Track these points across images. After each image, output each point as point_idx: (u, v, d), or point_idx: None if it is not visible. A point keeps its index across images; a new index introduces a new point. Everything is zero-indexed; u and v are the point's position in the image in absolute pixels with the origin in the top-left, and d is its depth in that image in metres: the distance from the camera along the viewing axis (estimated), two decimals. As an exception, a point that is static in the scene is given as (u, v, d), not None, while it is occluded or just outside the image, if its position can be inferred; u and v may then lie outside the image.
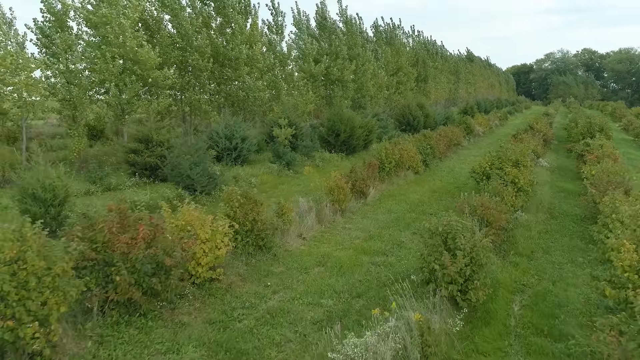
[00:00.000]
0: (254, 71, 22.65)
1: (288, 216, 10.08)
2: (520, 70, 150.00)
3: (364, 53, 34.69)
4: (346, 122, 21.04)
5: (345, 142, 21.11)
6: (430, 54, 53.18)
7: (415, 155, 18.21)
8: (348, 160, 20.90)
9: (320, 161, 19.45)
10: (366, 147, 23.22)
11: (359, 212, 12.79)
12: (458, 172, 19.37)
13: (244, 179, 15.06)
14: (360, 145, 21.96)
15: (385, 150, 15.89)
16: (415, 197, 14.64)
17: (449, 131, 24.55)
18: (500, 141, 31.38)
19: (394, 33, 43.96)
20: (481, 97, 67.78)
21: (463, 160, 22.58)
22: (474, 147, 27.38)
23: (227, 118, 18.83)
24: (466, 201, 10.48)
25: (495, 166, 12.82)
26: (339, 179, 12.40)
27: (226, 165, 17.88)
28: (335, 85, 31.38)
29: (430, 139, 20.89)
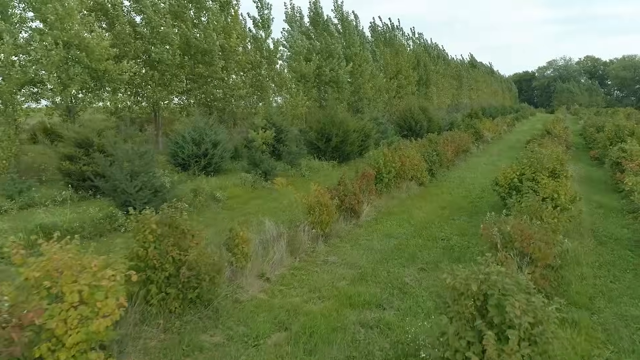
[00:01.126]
0: (232, 66, 19.74)
1: (243, 248, 7.05)
2: (522, 78, 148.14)
3: (361, 53, 31.90)
4: (338, 126, 18.09)
5: (337, 148, 18.14)
6: (431, 57, 50.41)
7: (420, 163, 15.23)
8: (340, 169, 17.89)
9: (307, 170, 16.46)
10: (362, 154, 20.24)
11: (349, 237, 9.76)
12: (470, 183, 16.36)
13: (206, 192, 12.05)
14: (354, 152, 18.98)
15: (383, 157, 12.91)
16: (420, 216, 11.60)
17: (456, 136, 21.58)
18: (511, 148, 28.44)
19: (392, 34, 41.23)
20: (484, 103, 64.99)
21: (473, 168, 19.58)
22: (483, 154, 24.40)
23: (197, 119, 15.88)
24: (495, 225, 7.50)
25: (526, 177, 9.82)
26: (322, 194, 9.41)
27: (193, 175, 14.91)
28: (329, 86, 28.53)
29: (436, 144, 17.92)
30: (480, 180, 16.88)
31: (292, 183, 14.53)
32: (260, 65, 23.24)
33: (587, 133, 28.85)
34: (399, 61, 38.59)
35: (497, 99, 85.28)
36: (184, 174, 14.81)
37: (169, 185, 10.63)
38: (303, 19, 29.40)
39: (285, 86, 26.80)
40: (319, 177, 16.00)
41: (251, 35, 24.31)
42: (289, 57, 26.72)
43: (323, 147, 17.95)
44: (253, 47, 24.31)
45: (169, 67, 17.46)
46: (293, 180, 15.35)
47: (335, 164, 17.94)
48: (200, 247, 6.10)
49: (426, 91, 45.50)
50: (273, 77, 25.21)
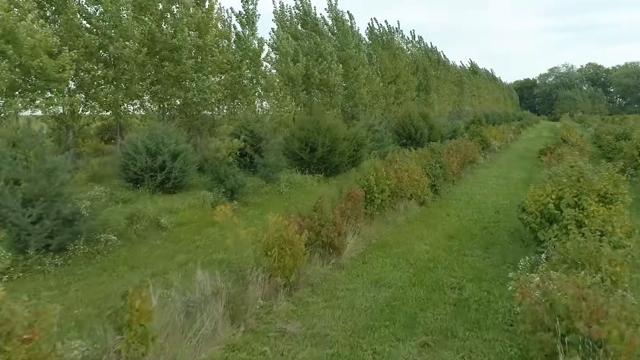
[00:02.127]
0: (207, 66, 17.17)
1: (140, 327, 4.40)
2: (524, 85, 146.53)
3: (356, 55, 29.42)
4: (325, 133, 15.49)
5: (323, 160, 15.53)
6: (432, 62, 47.97)
7: (421, 178, 12.61)
8: (327, 184, 15.28)
9: (287, 186, 13.84)
10: (355, 165, 17.61)
11: (324, 287, 7.10)
12: (480, 201, 13.72)
13: (149, 218, 9.41)
14: (344, 164, 16.36)
15: (375, 172, 10.28)
16: (422, 250, 8.94)
17: (462, 145, 18.98)
18: (521, 158, 25.78)
19: (390, 37, 38.80)
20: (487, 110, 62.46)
21: (482, 182, 16.94)
22: (491, 164, 21.79)
23: (153, 125, 13.29)
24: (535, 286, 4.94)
25: (566, 201, 7.18)
26: (286, 226, 6.77)
27: (148, 192, 12.29)
28: (320, 90, 26.00)
29: (439, 155, 15.30)
30: (492, 197, 14.25)
31: (262, 204, 11.91)
32: (241, 66, 20.68)
33: (604, 141, 26.24)
34: (398, 65, 36.10)
35: (499, 106, 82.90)
36: (134, 192, 12.19)
37: (87, 211, 7.98)
38: (293, 18, 26.98)
39: (271, 89, 24.35)
40: (299, 195, 13.38)
41: (235, 33, 21.80)
42: (277, 59, 24.28)
43: (307, 158, 15.35)
44: (237, 46, 21.82)
45: (129, 66, 14.89)
46: (267, 199, 12.73)
47: (320, 178, 15.32)
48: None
49: (426, 97, 43.00)
50: (258, 80, 22.67)
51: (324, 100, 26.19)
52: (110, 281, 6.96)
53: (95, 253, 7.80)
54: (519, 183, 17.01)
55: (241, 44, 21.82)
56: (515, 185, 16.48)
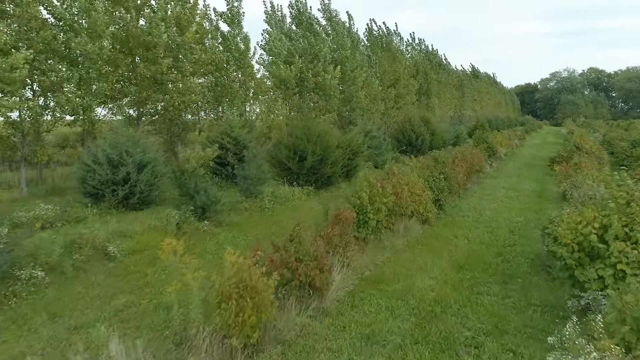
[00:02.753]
0: (186, 66, 15.55)
1: None
2: (524, 90, 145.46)
3: (353, 56, 27.83)
4: (316, 140, 13.83)
5: (314, 170, 13.85)
6: (433, 65, 46.41)
7: (423, 192, 10.96)
8: (317, 197, 13.61)
9: (271, 201, 12.16)
10: (349, 176, 15.97)
11: (298, 348, 5.40)
12: (490, 218, 12.04)
13: (94, 245, 7.74)
14: (337, 174, 14.69)
15: (369, 188, 8.63)
16: (425, 287, 7.25)
17: (467, 153, 17.32)
18: (530, 166, 24.00)
19: (390, 39, 37.25)
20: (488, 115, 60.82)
21: (491, 195, 15.26)
22: (499, 174, 20.12)
23: (116, 131, 11.66)
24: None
25: (614, 232, 5.52)
26: (250, 266, 5.11)
27: (110, 209, 10.64)
28: (315, 93, 24.41)
29: (444, 165, 13.66)
30: (504, 213, 12.57)
31: (239, 224, 10.23)
32: (226, 66, 19.10)
33: (617, 148, 24.61)
34: (397, 68, 34.52)
35: (500, 110, 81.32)
36: (92, 209, 10.52)
37: (2, 241, 6.30)
38: (285, 18, 25.38)
39: (262, 92, 22.78)
40: (285, 211, 11.71)
41: (219, 33, 20.24)
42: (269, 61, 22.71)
43: (295, 168, 13.69)
44: (222, 46, 20.27)
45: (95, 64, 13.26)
46: (247, 217, 11.05)
47: (310, 191, 13.65)
48: None
49: (427, 101, 41.39)
50: (245, 82, 21.09)
51: (319, 105, 24.62)
52: (16, 338, 5.28)
53: (10, 296, 6.13)
54: (531, 195, 15.35)
55: (226, 43, 20.29)
56: (527, 198, 14.82)
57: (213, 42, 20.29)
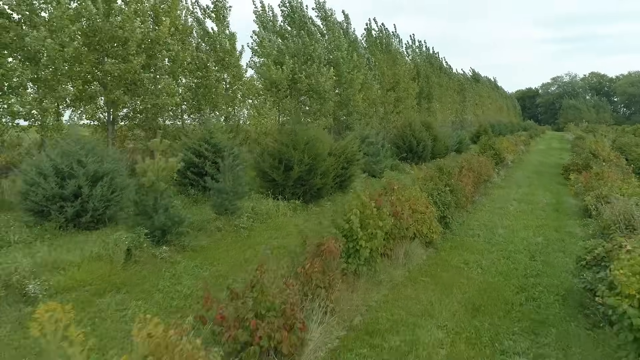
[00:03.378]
0: (161, 65, 13.93)
1: None
2: (525, 95, 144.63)
3: (349, 57, 26.25)
4: (304, 147, 12.15)
5: (301, 181, 12.17)
6: (434, 68, 44.84)
7: (427, 209, 9.27)
8: (305, 212, 11.93)
9: (251, 218, 10.46)
10: (343, 187, 14.29)
11: None
12: (505, 238, 10.33)
13: (6, 282, 6.05)
14: (329, 186, 12.99)
15: (360, 208, 6.93)
16: (433, 341, 5.53)
17: (474, 161, 15.64)
18: (539, 174, 22.15)
19: (389, 40, 35.70)
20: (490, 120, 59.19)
21: (502, 209, 13.57)
22: (508, 183, 18.43)
23: (69, 138, 9.96)
24: None
25: None
26: (174, 344, 3.41)
27: (57, 230, 8.98)
28: (309, 96, 22.83)
29: (449, 175, 11.98)
30: (520, 232, 10.88)
31: (206, 249, 8.51)
32: (209, 66, 17.48)
33: (633, 155, 22.91)
34: (397, 71, 32.95)
35: (502, 115, 79.80)
36: (36, 230, 8.85)
37: None
38: (277, 18, 23.76)
39: (250, 94, 21.18)
40: (265, 232, 10.02)
41: (201, 29, 18.63)
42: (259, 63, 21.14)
43: (280, 179, 11.99)
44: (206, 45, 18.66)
45: (54, 63, 11.61)
46: (218, 239, 9.34)
47: (297, 206, 11.94)
48: None
49: (428, 106, 39.80)
50: (231, 83, 19.48)
51: (313, 108, 23.03)
52: None
53: None
54: (546, 209, 13.66)
55: (210, 41, 18.69)
56: (543, 213, 13.13)
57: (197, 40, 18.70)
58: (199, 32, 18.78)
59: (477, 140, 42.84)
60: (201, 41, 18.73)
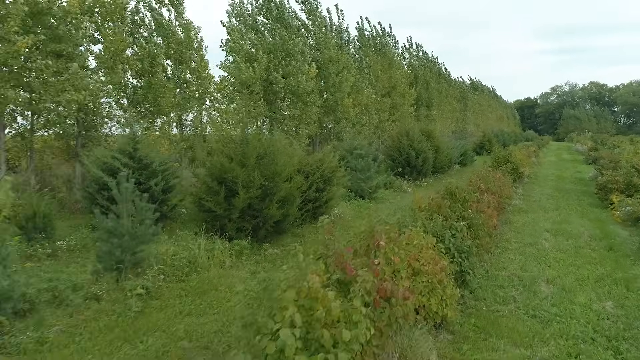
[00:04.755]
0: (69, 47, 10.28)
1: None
2: (524, 105, 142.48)
3: (337, 56, 22.74)
4: (256, 163, 8.45)
5: (253, 211, 8.44)
6: (433, 74, 41.41)
7: (437, 264, 5.59)
8: (258, 259, 8.19)
9: (160, 274, 6.72)
10: (316, 216, 10.58)
11: None
12: (558, 308, 6.55)
13: None
14: (294, 217, 9.25)
15: (302, 308, 3.20)
16: None
17: (490, 179, 11.95)
18: (562, 192, 18.07)
19: (384, 41, 32.27)
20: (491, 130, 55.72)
21: (535, 246, 9.82)
22: (530, 205, 14.68)
23: None
24: None
25: None
26: None
27: None
28: (288, 99, 19.27)
29: (464, 203, 8.29)
30: (577, 291, 7.15)
31: (44, 351, 4.75)
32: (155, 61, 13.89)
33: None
34: (393, 74, 29.45)
35: (502, 125, 76.55)
36: None
37: None
38: (256, 14, 20.19)
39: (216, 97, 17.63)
40: (177, 305, 6.25)
41: (152, 17, 15.08)
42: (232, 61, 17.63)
43: (220, 209, 8.27)
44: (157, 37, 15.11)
45: None
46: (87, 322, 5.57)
47: (245, 248, 8.19)
48: None
49: (428, 113, 36.28)
50: (189, 81, 15.90)
51: (291, 113, 19.42)
52: None
53: None
54: (595, 246, 9.96)
55: (161, 31, 15.14)
56: (593, 253, 9.41)
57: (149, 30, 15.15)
58: (150, 21, 15.28)
59: (481, 151, 39.34)
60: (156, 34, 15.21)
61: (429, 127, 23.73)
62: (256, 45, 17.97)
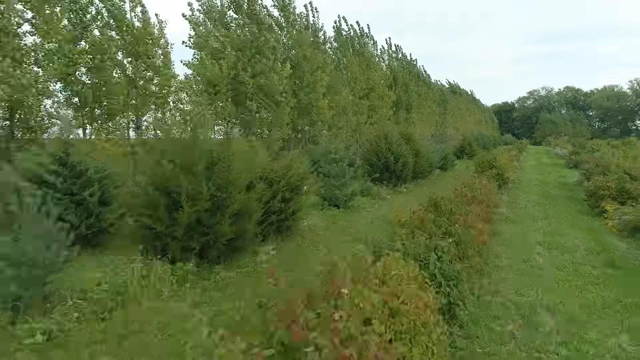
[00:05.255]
0: None
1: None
2: (502, 109, 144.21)
3: (313, 55, 21.53)
4: (205, 170, 7.09)
5: (203, 228, 7.06)
6: (412, 76, 40.55)
7: (421, 300, 4.33)
8: (207, 285, 6.80)
9: (82, 310, 5.33)
10: (284, 231, 9.26)
11: None
12: (567, 348, 5.40)
13: None
14: (253, 234, 7.90)
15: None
16: None
17: (476, 185, 10.82)
18: (549, 198, 17.08)
19: (363, 41, 31.20)
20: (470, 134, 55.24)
21: (529, 264, 8.67)
22: (517, 213, 13.61)
23: None
24: None
25: None
26: None
27: None
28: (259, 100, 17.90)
29: (451, 216, 7.08)
30: (584, 323, 5.97)
31: None
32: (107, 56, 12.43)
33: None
34: (371, 76, 28.33)
35: (481, 128, 76.48)
36: None
37: None
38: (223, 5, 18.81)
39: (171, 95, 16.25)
40: None
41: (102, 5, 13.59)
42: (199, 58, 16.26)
43: (161, 226, 6.87)
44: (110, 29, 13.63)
45: None
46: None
47: (190, 272, 6.81)
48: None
49: (407, 116, 35.33)
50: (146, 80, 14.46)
51: (261, 115, 18.06)
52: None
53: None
54: (594, 261, 8.88)
55: (119, 24, 13.68)
56: (593, 270, 8.31)
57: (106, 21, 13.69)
58: (101, 10, 13.80)
59: (461, 155, 38.57)
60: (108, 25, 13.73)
61: (408, 130, 22.65)
62: (223, 42, 16.61)
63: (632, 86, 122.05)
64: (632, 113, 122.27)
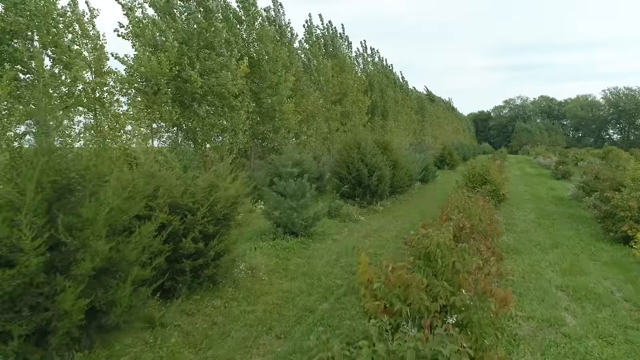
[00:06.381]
0: None
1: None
2: (478, 118, 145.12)
3: (277, 51, 18.81)
4: (41, 204, 4.18)
5: (32, 298, 4.12)
6: (389, 81, 38.23)
7: None
8: None
9: None
10: (208, 283, 6.37)
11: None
12: None
13: None
14: (127, 303, 4.96)
15: None
16: None
17: (474, 209, 8.14)
18: (549, 218, 14.19)
19: (336, 42, 28.68)
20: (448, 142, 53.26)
21: (554, 327, 5.96)
22: (519, 239, 10.96)
23: None
24: None
25: None
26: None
27: None
28: (209, 102, 15.04)
29: (455, 274, 4.31)
30: None
31: None
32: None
33: None
34: (345, 79, 25.71)
35: (459, 137, 74.93)
36: None
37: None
38: None
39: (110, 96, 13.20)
40: None
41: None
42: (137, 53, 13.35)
43: None
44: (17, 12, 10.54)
45: None
46: None
47: None
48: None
49: (383, 123, 32.85)
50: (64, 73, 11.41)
51: (212, 120, 15.15)
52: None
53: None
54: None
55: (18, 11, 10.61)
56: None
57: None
58: None
59: (441, 165, 36.20)
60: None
61: (385, 138, 20.06)
62: (165, 30, 13.74)
63: (605, 95, 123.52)
64: (605, 122, 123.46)
